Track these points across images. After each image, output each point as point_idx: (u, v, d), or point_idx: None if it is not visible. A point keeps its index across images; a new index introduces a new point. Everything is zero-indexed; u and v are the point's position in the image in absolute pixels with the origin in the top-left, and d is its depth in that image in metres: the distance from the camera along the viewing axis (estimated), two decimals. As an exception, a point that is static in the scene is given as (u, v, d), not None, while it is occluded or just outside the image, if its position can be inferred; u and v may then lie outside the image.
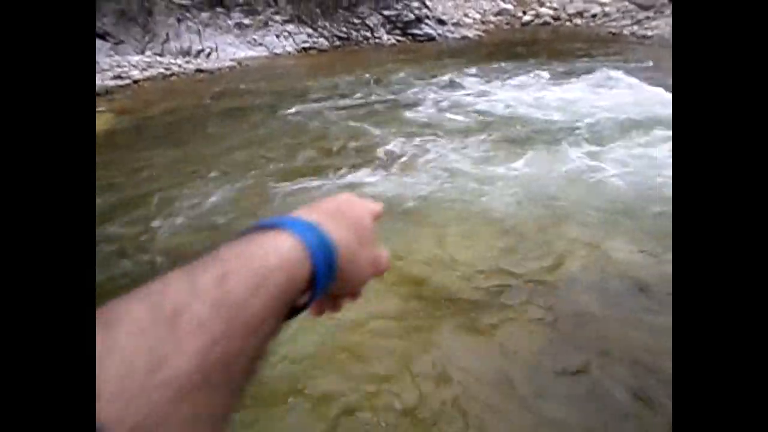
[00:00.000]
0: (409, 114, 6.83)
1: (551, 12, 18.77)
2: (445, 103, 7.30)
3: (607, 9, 17.62)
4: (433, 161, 5.00)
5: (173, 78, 10.32)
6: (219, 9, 12.93)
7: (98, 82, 9.22)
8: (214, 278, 0.34)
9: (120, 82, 9.47)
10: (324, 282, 0.41)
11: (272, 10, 13.69)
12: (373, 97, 7.89)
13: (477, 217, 3.82)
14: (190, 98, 8.55)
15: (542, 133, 5.67)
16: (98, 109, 7.91)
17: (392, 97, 7.89)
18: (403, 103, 7.49)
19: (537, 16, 18.81)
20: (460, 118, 6.52)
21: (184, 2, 12.32)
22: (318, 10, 14.23)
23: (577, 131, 5.55)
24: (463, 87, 8.23)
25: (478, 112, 6.73)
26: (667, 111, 5.85)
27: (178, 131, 6.66)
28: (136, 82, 9.72)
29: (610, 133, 5.45)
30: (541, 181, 4.39)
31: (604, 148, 5.03)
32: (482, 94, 7.68)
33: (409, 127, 6.22)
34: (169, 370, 0.29)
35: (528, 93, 7.53)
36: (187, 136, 6.41)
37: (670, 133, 4.95)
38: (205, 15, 12.67)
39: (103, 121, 7.22)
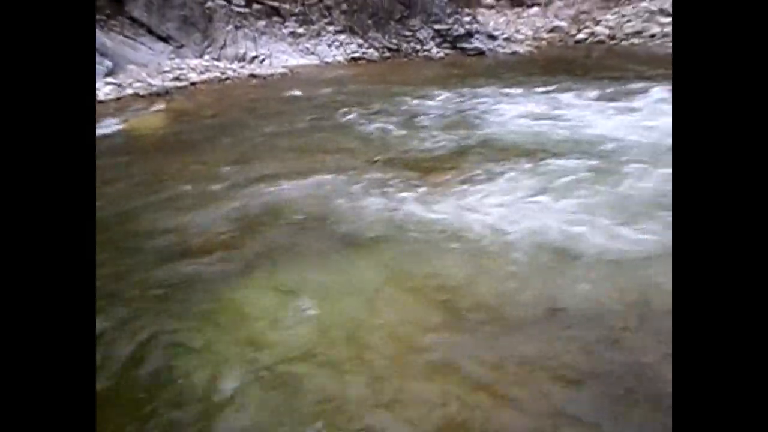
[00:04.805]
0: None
1: (607, 31, 18.31)
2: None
3: (666, 29, 17.02)
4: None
5: (227, 82, 10.74)
6: (275, 18, 13.39)
7: (159, 82, 9.75)
8: None
9: (178, 84, 9.96)
10: None
11: (326, 20, 14.04)
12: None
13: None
14: (243, 101, 8.93)
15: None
16: (158, 107, 8.39)
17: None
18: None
19: (592, 34, 18.41)
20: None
21: (242, 10, 12.85)
22: (370, 22, 14.49)
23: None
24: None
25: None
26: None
27: (229, 129, 6.96)
28: (193, 84, 10.19)
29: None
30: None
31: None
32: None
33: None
34: None
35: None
36: (237, 133, 6.70)
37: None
38: (261, 23, 13.15)
39: (161, 118, 7.66)
